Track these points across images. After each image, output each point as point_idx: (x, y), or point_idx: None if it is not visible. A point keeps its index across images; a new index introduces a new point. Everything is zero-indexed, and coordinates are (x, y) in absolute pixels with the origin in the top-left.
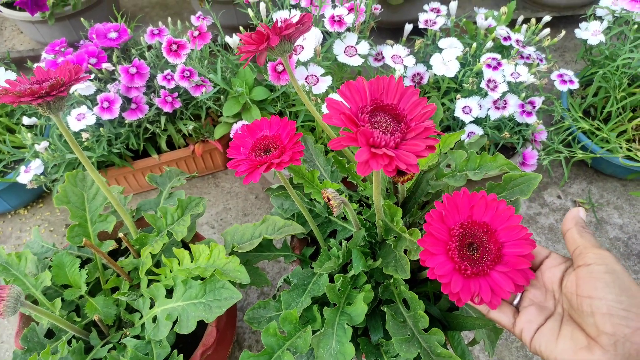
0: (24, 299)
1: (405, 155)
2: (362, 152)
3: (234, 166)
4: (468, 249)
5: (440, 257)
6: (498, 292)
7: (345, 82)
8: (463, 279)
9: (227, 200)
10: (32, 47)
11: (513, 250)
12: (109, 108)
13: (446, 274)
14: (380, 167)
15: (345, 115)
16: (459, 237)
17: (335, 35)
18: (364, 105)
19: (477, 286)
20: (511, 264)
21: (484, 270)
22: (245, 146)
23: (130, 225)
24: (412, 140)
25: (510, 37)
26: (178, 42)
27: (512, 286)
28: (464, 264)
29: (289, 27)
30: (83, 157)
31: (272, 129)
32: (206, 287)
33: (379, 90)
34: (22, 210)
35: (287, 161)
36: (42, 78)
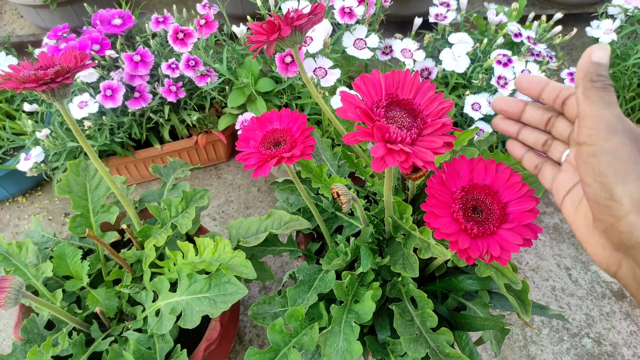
0: (25, 290)
1: (422, 151)
2: (378, 147)
3: (243, 159)
4: (472, 211)
5: (445, 218)
6: (507, 248)
7: (361, 76)
8: (470, 239)
9: (229, 192)
10: (33, 32)
11: (517, 208)
12: (112, 96)
13: (453, 233)
14: (396, 163)
15: (361, 110)
16: (462, 200)
17: (344, 27)
18: (379, 100)
19: (485, 244)
20: (517, 220)
21: (491, 229)
22: (254, 139)
23: (134, 217)
24: (429, 137)
25: (521, 33)
26: (185, 30)
27: (520, 240)
28: (469, 224)
29: (301, 17)
30: (87, 145)
31: (282, 122)
32: (211, 281)
33: (394, 84)
34: (20, 197)
35: (298, 155)
36: (47, 64)
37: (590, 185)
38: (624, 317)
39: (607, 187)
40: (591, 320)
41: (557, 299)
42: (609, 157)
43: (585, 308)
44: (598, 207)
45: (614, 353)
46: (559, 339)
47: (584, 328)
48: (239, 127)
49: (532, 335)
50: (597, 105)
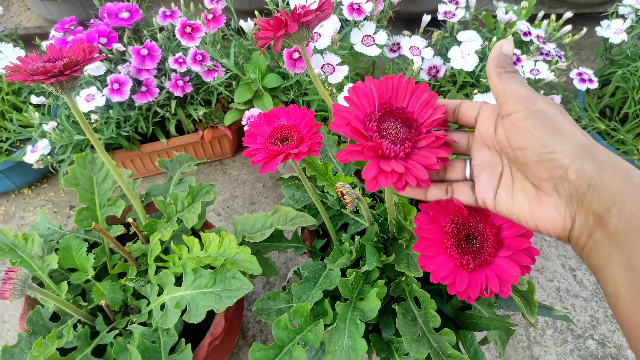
0: (31, 281)
1: (415, 168)
2: (370, 167)
3: (250, 155)
4: (466, 241)
5: (440, 257)
6: (506, 279)
7: (353, 86)
8: (468, 274)
9: (234, 187)
10: (40, 24)
11: (511, 232)
12: (119, 90)
13: (449, 274)
14: (389, 184)
15: (351, 128)
16: (454, 233)
17: (352, 23)
18: (372, 111)
19: (484, 277)
20: (513, 246)
21: (487, 260)
22: (261, 135)
23: (140, 211)
24: (423, 151)
25: (530, 32)
26: (192, 24)
27: (518, 269)
28: (465, 258)
29: (308, 14)
30: (94, 138)
31: (289, 118)
32: (216, 276)
33: (388, 92)
34: (26, 190)
35: (306, 152)
36: (55, 56)
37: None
38: None
39: (545, 142)
40: (596, 322)
41: (562, 300)
42: (541, 115)
43: (589, 309)
44: (541, 165)
45: (618, 355)
46: (563, 340)
47: (588, 329)
48: (245, 123)
49: (536, 335)
50: (514, 83)
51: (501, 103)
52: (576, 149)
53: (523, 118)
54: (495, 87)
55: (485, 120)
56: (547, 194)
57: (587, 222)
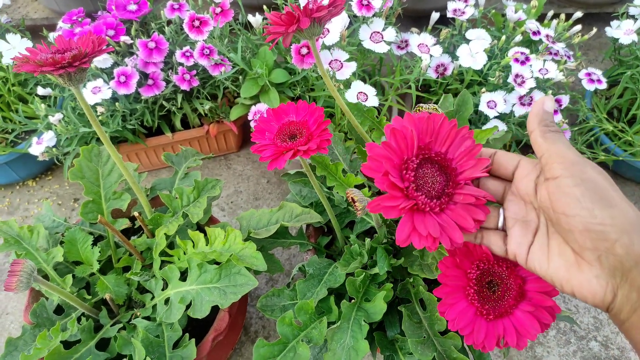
0: (36, 274)
1: (451, 228)
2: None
3: (259, 151)
4: (488, 287)
5: (460, 304)
6: (524, 334)
7: (392, 129)
8: (486, 323)
9: (238, 183)
10: (47, 16)
11: (537, 286)
12: (126, 82)
13: (468, 324)
14: (422, 246)
15: (387, 181)
16: (477, 280)
17: (361, 19)
18: (410, 157)
19: (501, 329)
20: (535, 301)
21: (507, 311)
22: (270, 131)
23: (145, 204)
24: (460, 209)
25: (540, 31)
26: (201, 18)
27: (538, 327)
28: (486, 308)
29: (321, 9)
30: (101, 131)
31: (298, 115)
32: (222, 272)
33: (428, 135)
34: (30, 181)
35: (315, 149)
36: (64, 48)
37: (577, 215)
38: None
39: (594, 213)
40: (599, 324)
41: (566, 301)
42: (591, 185)
43: (593, 311)
44: (589, 235)
45: (621, 357)
46: (566, 341)
47: (591, 331)
48: (251, 118)
49: (539, 336)
50: (559, 145)
51: (546, 164)
52: (626, 223)
53: (571, 185)
54: (540, 146)
55: (524, 176)
56: (588, 263)
57: (630, 297)
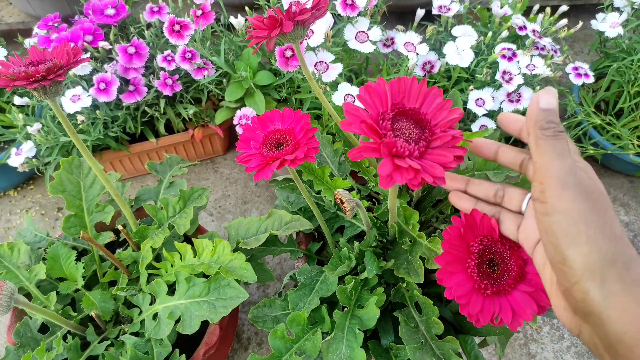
0: (17, 296)
1: (431, 166)
2: (385, 164)
3: (244, 161)
4: (488, 265)
5: (459, 275)
6: (519, 313)
7: (365, 86)
8: (482, 298)
9: (226, 186)
10: (22, 20)
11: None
12: (106, 89)
13: (464, 294)
14: (405, 180)
15: (367, 125)
16: (479, 254)
17: (346, 19)
18: (385, 111)
19: (497, 306)
20: (535, 283)
21: (505, 289)
22: (255, 139)
23: (130, 217)
24: (438, 150)
25: (526, 26)
26: (181, 22)
27: (535, 307)
28: (484, 282)
29: (304, 12)
30: (80, 144)
31: (284, 122)
32: (210, 285)
33: (400, 93)
34: (11, 191)
35: (302, 158)
36: (38, 59)
37: (546, 245)
38: None
39: (558, 250)
40: None
41: None
42: (560, 217)
43: None
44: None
45: None
46: (560, 337)
47: None
48: (237, 122)
49: (533, 333)
50: (548, 156)
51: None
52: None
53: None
54: (533, 156)
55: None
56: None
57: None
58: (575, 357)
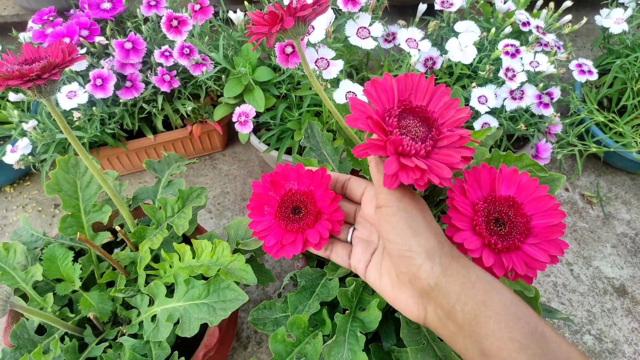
0: (13, 300)
1: (438, 166)
2: (390, 162)
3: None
4: (495, 224)
5: (467, 232)
6: (532, 265)
7: (372, 81)
8: (494, 254)
9: (224, 183)
10: (17, 13)
11: (542, 222)
12: (103, 86)
13: (476, 249)
14: (411, 180)
15: (373, 120)
16: (485, 212)
17: (347, 15)
18: (392, 107)
19: (510, 260)
20: (542, 235)
21: (515, 244)
22: (269, 204)
23: (127, 217)
24: (445, 150)
25: (529, 22)
26: (179, 17)
27: (547, 257)
28: (493, 238)
29: (305, 8)
30: (76, 142)
31: (301, 182)
32: (210, 287)
33: (407, 90)
34: (8, 188)
35: (327, 237)
36: (32, 57)
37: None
38: (626, 314)
39: (405, 240)
40: (592, 317)
41: (559, 295)
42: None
43: (586, 304)
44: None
45: (615, 350)
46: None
47: (585, 325)
48: (236, 120)
49: None
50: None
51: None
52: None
53: (391, 214)
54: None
55: (368, 201)
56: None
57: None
58: None
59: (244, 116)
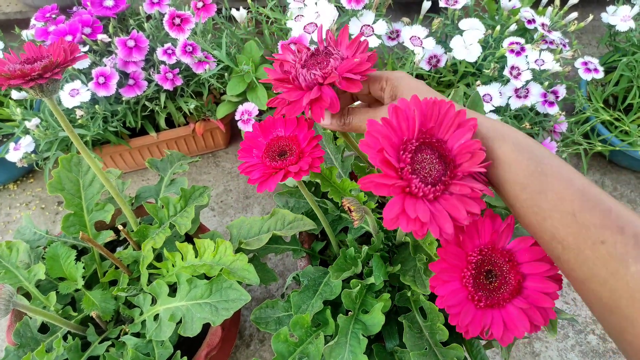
0: (16, 298)
1: (441, 216)
2: (392, 205)
3: (246, 172)
4: (485, 276)
5: (454, 283)
6: (511, 329)
7: (394, 107)
8: (474, 310)
9: (227, 181)
10: (20, 10)
11: (536, 285)
12: (105, 84)
13: (457, 304)
14: (409, 230)
15: (382, 158)
16: (476, 265)
17: (351, 12)
18: (410, 139)
19: (489, 319)
20: (532, 300)
21: (499, 303)
22: (258, 148)
23: (130, 216)
24: (454, 200)
25: (535, 20)
26: (182, 15)
27: (527, 325)
28: (479, 294)
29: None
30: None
31: (287, 129)
32: (212, 286)
33: (432, 120)
34: (11, 185)
35: (306, 169)
36: (34, 56)
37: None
38: None
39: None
40: None
41: (563, 295)
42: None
43: None
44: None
45: (619, 350)
46: (564, 335)
47: (589, 324)
48: (238, 118)
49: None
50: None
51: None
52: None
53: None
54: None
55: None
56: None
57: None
58: (580, 356)
59: (247, 114)
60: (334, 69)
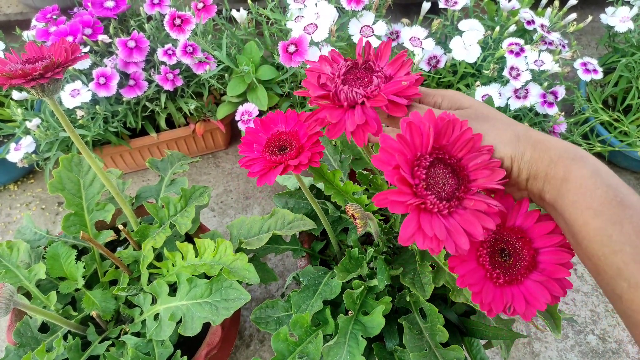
0: (16, 298)
1: (456, 232)
2: (409, 222)
3: (247, 165)
4: (500, 255)
5: (471, 263)
6: (533, 303)
7: (408, 122)
8: (494, 287)
9: (227, 181)
10: (21, 11)
11: (549, 258)
12: (106, 84)
13: (477, 282)
14: (425, 246)
15: (398, 176)
16: (491, 243)
17: (351, 13)
18: (423, 154)
19: (510, 296)
20: (547, 272)
21: (518, 278)
22: (258, 142)
23: (130, 216)
24: (469, 215)
25: (534, 20)
26: (182, 15)
27: (548, 296)
28: (496, 271)
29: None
30: (79, 141)
31: (288, 125)
32: (212, 286)
33: (446, 138)
34: (11, 185)
35: (306, 163)
36: (35, 56)
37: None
38: None
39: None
40: (596, 317)
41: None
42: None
43: (590, 304)
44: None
45: (619, 350)
46: (564, 335)
47: (589, 325)
48: (239, 119)
49: (537, 331)
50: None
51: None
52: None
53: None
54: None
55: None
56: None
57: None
58: (579, 356)
59: (247, 115)
60: (379, 89)
